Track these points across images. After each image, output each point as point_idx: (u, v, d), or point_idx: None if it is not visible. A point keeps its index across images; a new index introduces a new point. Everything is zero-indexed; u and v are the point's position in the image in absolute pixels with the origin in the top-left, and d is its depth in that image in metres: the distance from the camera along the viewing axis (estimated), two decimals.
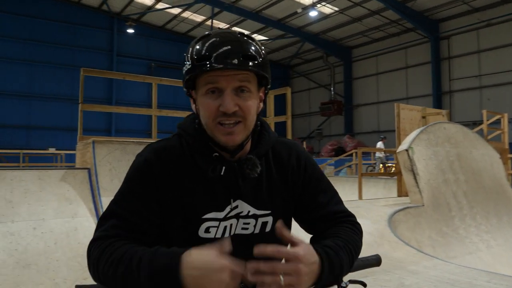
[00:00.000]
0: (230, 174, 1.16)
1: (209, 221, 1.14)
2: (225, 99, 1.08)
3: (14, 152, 17.24)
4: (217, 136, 1.12)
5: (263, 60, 1.12)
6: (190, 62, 1.11)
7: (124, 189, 1.14)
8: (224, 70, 1.07)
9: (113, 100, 23.89)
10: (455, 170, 7.16)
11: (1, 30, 21.37)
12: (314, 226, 1.25)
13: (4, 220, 4.08)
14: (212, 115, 1.10)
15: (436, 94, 21.47)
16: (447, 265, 4.36)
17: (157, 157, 1.15)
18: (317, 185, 1.27)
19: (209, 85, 1.10)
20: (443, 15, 20.90)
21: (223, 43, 1.09)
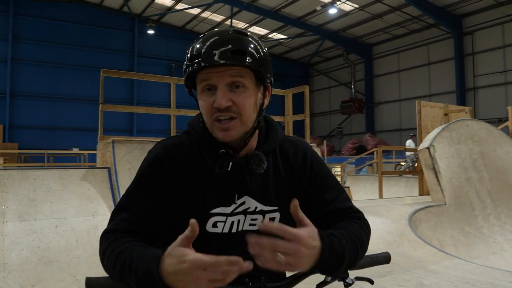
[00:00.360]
0: (237, 170, 1.17)
1: (216, 216, 1.16)
2: (217, 95, 1.10)
3: (39, 153, 17.67)
4: (215, 132, 1.14)
5: (259, 57, 1.13)
6: (186, 62, 1.15)
7: (135, 185, 1.18)
8: (214, 67, 1.09)
9: (134, 101, 24.23)
10: (478, 168, 7.00)
11: (26, 34, 21.94)
12: (321, 223, 1.23)
13: (28, 218, 4.18)
14: (209, 112, 1.13)
15: (459, 91, 21.02)
16: (469, 265, 4.27)
17: (167, 153, 1.18)
18: (324, 182, 1.27)
19: (203, 83, 1.13)
20: (466, 9, 20.44)
21: (212, 41, 1.11)
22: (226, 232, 1.17)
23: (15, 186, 4.38)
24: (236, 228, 1.18)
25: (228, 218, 1.17)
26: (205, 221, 1.16)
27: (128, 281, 0.98)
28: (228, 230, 1.17)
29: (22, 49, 21.86)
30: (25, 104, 21.88)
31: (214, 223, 1.16)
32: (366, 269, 1.28)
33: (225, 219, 1.17)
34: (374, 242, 4.66)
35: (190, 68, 1.12)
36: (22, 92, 21.84)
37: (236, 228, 1.18)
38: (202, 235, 1.10)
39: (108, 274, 1.05)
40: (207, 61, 1.09)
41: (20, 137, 21.35)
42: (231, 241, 1.17)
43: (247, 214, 1.19)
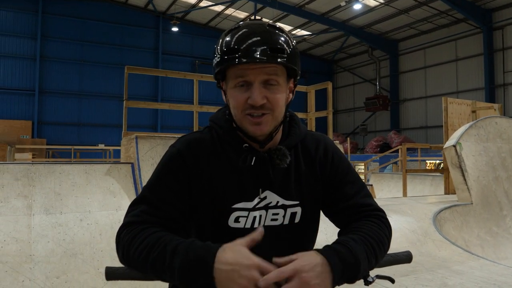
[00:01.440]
0: (260, 164, 1.18)
1: (239, 211, 1.16)
2: (254, 92, 1.09)
3: (66, 148, 18.10)
4: (246, 126, 1.14)
5: (292, 52, 1.13)
6: (219, 55, 1.12)
7: (156, 177, 1.18)
8: (251, 64, 1.09)
9: (159, 97, 24.53)
10: (507, 167, 6.80)
11: (54, 32, 22.49)
12: (340, 217, 1.24)
13: (53, 212, 4.28)
14: (241, 107, 1.12)
15: (488, 87, 20.42)
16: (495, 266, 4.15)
17: (189, 148, 1.19)
18: (344, 176, 1.27)
19: (238, 79, 1.12)
20: (496, 4, 19.82)
21: (250, 35, 1.10)
22: (248, 227, 1.17)
23: (41, 180, 4.49)
24: (258, 223, 1.18)
25: (250, 213, 1.17)
26: (227, 216, 1.16)
27: (164, 268, 0.99)
28: (250, 226, 1.17)
29: (50, 47, 22.42)
30: (53, 101, 22.45)
31: (236, 218, 1.16)
32: (388, 268, 1.26)
33: (247, 214, 1.17)
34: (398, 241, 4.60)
35: (226, 62, 1.11)
36: (50, 89, 22.41)
37: (258, 223, 1.18)
38: (224, 230, 1.14)
39: (132, 264, 1.05)
40: (246, 57, 1.08)
41: (48, 133, 21.93)
42: None
43: (269, 209, 1.19)
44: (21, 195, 4.30)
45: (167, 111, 24.02)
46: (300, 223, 1.21)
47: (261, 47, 1.08)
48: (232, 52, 1.10)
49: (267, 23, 1.16)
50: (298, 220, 1.21)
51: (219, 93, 1.18)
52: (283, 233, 1.20)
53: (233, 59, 1.09)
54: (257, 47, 1.08)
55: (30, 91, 21.91)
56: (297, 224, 1.21)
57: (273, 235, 1.17)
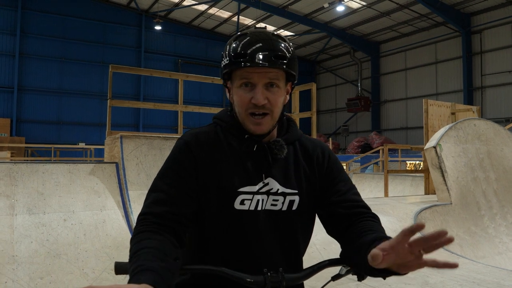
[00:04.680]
0: (261, 152, 1.30)
1: (244, 194, 1.27)
2: (257, 93, 1.23)
3: (46, 147, 17.79)
4: (247, 125, 1.28)
5: (291, 59, 1.26)
6: (228, 58, 1.26)
7: (166, 167, 1.29)
8: (256, 67, 1.22)
9: (141, 96, 24.30)
10: (485, 168, 6.98)
11: (34, 28, 22.05)
12: (332, 210, 1.33)
13: (37, 212, 4.23)
14: (245, 106, 1.26)
15: (467, 90, 20.88)
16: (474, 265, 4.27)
17: (196, 139, 1.31)
18: (338, 175, 1.39)
19: (243, 80, 1.25)
20: (475, 8, 20.28)
21: (256, 42, 1.24)
22: (252, 209, 1.27)
23: (24, 180, 4.43)
24: (260, 206, 1.28)
25: (255, 196, 1.27)
26: (233, 199, 1.26)
27: None
28: (254, 208, 1.27)
29: (29, 44, 21.98)
30: (32, 98, 22.01)
31: (241, 200, 1.26)
32: None
33: (251, 197, 1.27)
34: None
35: (233, 65, 1.24)
36: (30, 86, 21.98)
37: (260, 206, 1.28)
38: (230, 212, 1.25)
39: None
40: (251, 62, 1.21)
41: (27, 131, 21.51)
42: (256, 218, 1.26)
43: (270, 195, 1.29)
44: (3, 194, 4.24)
45: (149, 110, 23.83)
46: (297, 211, 1.31)
47: (265, 53, 1.22)
48: (239, 57, 1.23)
49: (271, 32, 1.30)
50: (296, 208, 1.31)
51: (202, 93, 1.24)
52: (281, 217, 1.30)
53: (240, 63, 1.23)
54: (261, 53, 1.22)
55: (9, 88, 21.44)
56: (294, 211, 1.31)
57: (272, 219, 1.28)
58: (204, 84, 23.03)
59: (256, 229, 1.25)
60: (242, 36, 1.28)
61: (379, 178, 12.43)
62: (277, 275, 1.12)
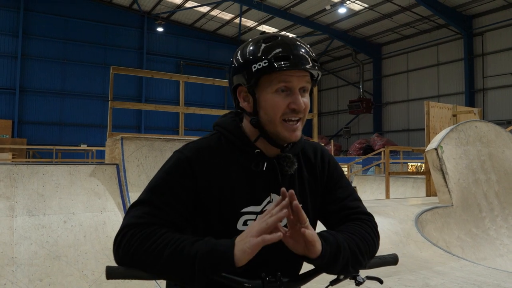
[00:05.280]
0: (270, 170, 1.24)
1: (248, 215, 1.22)
2: (297, 97, 1.18)
3: (48, 148, 17.82)
4: (281, 132, 1.20)
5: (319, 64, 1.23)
6: (266, 61, 1.16)
7: (162, 181, 1.20)
8: (297, 71, 1.17)
9: (143, 98, 24.34)
10: (486, 170, 6.96)
11: (37, 30, 22.12)
12: (330, 219, 1.32)
13: (37, 213, 4.23)
14: (281, 112, 1.18)
15: (468, 92, 20.85)
16: (475, 267, 4.25)
17: (198, 155, 1.22)
18: (338, 181, 1.36)
19: (281, 84, 1.17)
20: (477, 10, 20.26)
21: (296, 45, 1.19)
22: None
23: (24, 181, 4.43)
24: None
25: (258, 216, 1.22)
26: (236, 220, 1.21)
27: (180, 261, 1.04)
28: None
29: (32, 45, 22.04)
30: (34, 100, 22.06)
31: (244, 221, 1.21)
32: (375, 269, 1.32)
33: (255, 218, 1.22)
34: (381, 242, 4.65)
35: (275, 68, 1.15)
36: (31, 88, 22.03)
37: None
38: (232, 233, 1.16)
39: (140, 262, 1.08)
40: (297, 65, 1.16)
41: (29, 133, 21.55)
42: None
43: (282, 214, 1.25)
44: (3, 196, 4.23)
45: (151, 112, 23.86)
46: None
47: (306, 56, 1.18)
48: (284, 58, 1.15)
49: (291, 36, 1.27)
50: None
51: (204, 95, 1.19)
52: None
53: (285, 64, 1.15)
54: (304, 56, 1.17)
55: (11, 89, 21.49)
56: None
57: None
58: (206, 85, 23.06)
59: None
60: (274, 38, 1.21)
61: (380, 180, 12.42)
62: (275, 280, 1.11)
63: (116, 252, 1.11)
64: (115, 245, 1.12)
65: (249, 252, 1.01)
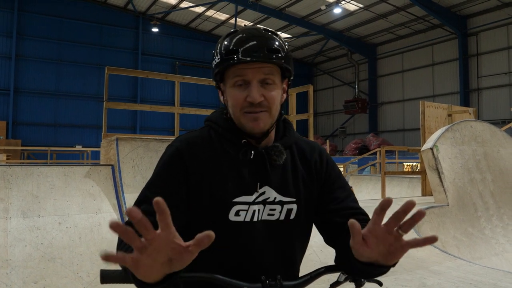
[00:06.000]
0: (258, 159, 1.23)
1: (239, 205, 1.20)
2: (252, 90, 1.16)
3: (42, 149, 17.72)
4: (244, 123, 1.20)
5: (286, 54, 1.20)
6: (219, 57, 1.19)
7: (156, 177, 1.21)
8: (250, 63, 1.16)
9: (138, 99, 24.26)
10: (481, 170, 6.98)
11: (31, 30, 21.99)
12: (330, 218, 1.28)
13: (31, 215, 4.20)
14: (240, 105, 1.18)
15: (463, 91, 20.95)
16: (471, 266, 4.26)
17: (188, 145, 1.23)
18: (336, 181, 1.34)
19: (236, 78, 1.18)
20: (471, 10, 20.36)
21: (249, 38, 1.18)
22: (248, 220, 1.21)
23: (18, 183, 4.39)
24: (257, 217, 1.22)
25: (250, 206, 1.21)
26: (228, 210, 1.19)
27: None
28: (250, 219, 1.21)
29: (26, 46, 21.91)
30: (29, 100, 21.94)
31: (236, 211, 1.20)
32: None
33: (247, 208, 1.21)
34: None
35: (226, 62, 1.17)
36: (26, 89, 21.90)
37: (256, 217, 1.22)
38: (225, 224, 1.17)
39: None
40: (247, 56, 1.15)
41: (24, 134, 21.42)
42: (252, 229, 1.21)
43: (266, 204, 1.23)
44: None
45: (146, 113, 23.79)
46: (295, 220, 1.26)
47: (259, 48, 1.16)
48: (232, 53, 1.16)
49: (262, 28, 1.25)
50: (294, 217, 1.26)
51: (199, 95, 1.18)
52: (278, 228, 1.24)
53: (233, 59, 1.16)
54: (256, 48, 1.16)
55: (5, 90, 21.35)
56: (292, 220, 1.26)
57: (269, 229, 1.22)
58: (201, 86, 23.01)
59: (252, 240, 1.19)
60: (233, 33, 1.23)
61: (376, 179, 12.43)
62: (275, 283, 1.10)
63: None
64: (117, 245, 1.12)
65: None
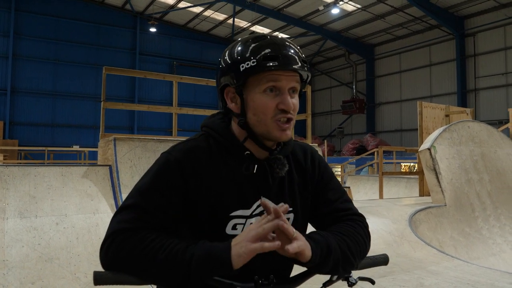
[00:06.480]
0: (260, 173, 1.21)
1: (236, 218, 1.19)
2: (286, 97, 1.16)
3: (39, 150, 17.67)
4: (272, 132, 1.18)
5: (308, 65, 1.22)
6: (254, 60, 1.15)
7: (151, 184, 1.16)
8: (285, 71, 1.16)
9: (135, 99, 24.23)
10: (479, 170, 7.00)
11: (28, 30, 21.94)
12: (322, 221, 1.31)
13: (28, 215, 4.18)
14: (271, 112, 1.16)
15: (460, 92, 21.00)
16: (468, 266, 4.27)
17: (187, 156, 1.19)
18: (328, 183, 1.34)
19: (270, 83, 1.16)
20: (468, 11, 20.41)
21: (285, 46, 1.18)
22: None
23: (16, 183, 4.38)
24: None
25: (248, 220, 1.20)
26: (225, 224, 1.18)
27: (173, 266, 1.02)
28: None
29: (23, 46, 21.86)
30: (26, 100, 21.88)
31: (233, 225, 1.19)
32: (367, 269, 1.31)
33: (244, 221, 1.19)
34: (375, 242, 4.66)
35: (263, 67, 1.14)
36: (23, 88, 21.85)
37: None
38: (220, 237, 1.14)
39: (129, 267, 1.05)
40: (286, 64, 1.15)
41: (21, 134, 21.37)
42: None
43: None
44: None
45: (144, 113, 23.76)
46: None
47: (296, 57, 1.17)
48: (273, 58, 1.14)
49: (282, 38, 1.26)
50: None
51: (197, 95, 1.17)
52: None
53: (274, 64, 1.14)
54: (293, 56, 1.16)
55: (2, 90, 21.29)
56: None
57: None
58: (199, 86, 23.01)
59: None
60: (263, 38, 1.20)
61: (374, 180, 12.46)
62: (268, 283, 1.10)
63: (104, 257, 1.08)
64: (103, 250, 1.09)
65: (245, 257, 1.00)
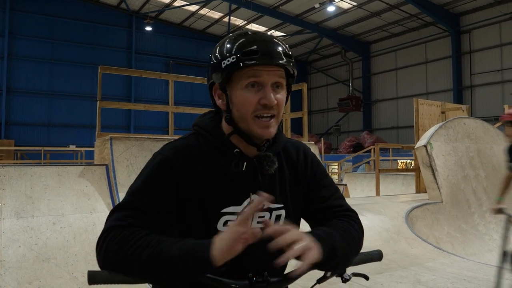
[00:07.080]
0: (250, 170, 1.22)
1: (228, 215, 1.20)
2: (267, 92, 1.14)
3: (36, 149, 17.61)
4: (254, 129, 1.17)
5: (294, 60, 1.21)
6: (234, 56, 1.14)
7: (142, 184, 1.17)
8: (266, 66, 1.14)
9: (132, 98, 24.16)
10: (475, 166, 7.03)
11: (23, 30, 21.83)
12: (315, 218, 1.31)
13: (25, 215, 4.17)
14: (252, 108, 1.15)
15: (456, 89, 21.06)
16: (465, 262, 4.29)
17: (178, 155, 1.19)
18: (320, 180, 1.35)
19: (251, 79, 1.15)
20: (464, 8, 20.46)
21: (266, 41, 1.17)
22: None
23: (12, 183, 4.37)
24: None
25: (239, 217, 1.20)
26: (216, 220, 1.19)
27: (160, 262, 1.02)
28: None
29: (18, 45, 21.75)
30: (22, 100, 21.79)
31: (225, 222, 1.19)
32: (363, 266, 1.32)
33: (235, 218, 1.18)
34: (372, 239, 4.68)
35: (244, 62, 1.13)
36: (19, 88, 21.75)
37: None
38: (212, 233, 1.13)
39: (121, 266, 1.05)
40: (266, 59, 1.13)
41: (17, 134, 21.28)
42: None
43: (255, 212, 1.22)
44: None
45: (141, 112, 23.70)
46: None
47: (278, 51, 1.15)
48: (252, 53, 1.13)
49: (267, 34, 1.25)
50: (283, 222, 1.26)
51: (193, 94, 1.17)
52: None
53: (252, 60, 1.13)
54: (275, 50, 1.15)
55: None
56: None
57: None
58: (195, 84, 22.95)
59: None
60: (245, 34, 1.20)
61: (370, 177, 12.48)
62: (262, 280, 1.10)
63: (98, 256, 1.09)
64: (97, 249, 1.10)
65: (227, 250, 1.00)
